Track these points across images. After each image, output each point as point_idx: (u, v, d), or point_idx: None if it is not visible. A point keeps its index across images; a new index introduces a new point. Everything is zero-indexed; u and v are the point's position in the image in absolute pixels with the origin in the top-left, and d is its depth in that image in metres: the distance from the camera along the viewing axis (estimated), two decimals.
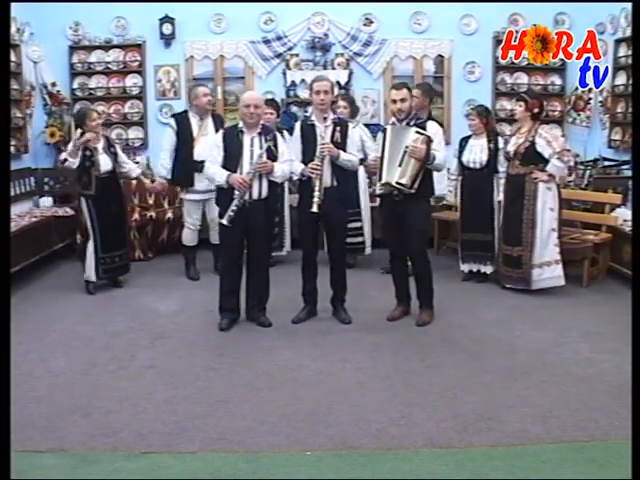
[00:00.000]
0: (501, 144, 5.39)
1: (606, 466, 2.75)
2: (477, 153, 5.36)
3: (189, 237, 5.73)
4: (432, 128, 4.44)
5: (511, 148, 5.12)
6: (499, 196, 5.41)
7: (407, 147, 4.23)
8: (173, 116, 5.82)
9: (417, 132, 4.26)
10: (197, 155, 5.38)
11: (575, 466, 2.76)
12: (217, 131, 5.37)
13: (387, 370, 3.76)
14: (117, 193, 5.35)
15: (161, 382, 3.63)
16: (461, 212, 5.59)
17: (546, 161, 4.99)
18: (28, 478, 2.68)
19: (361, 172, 5.56)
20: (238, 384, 3.59)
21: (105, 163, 5.15)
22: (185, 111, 5.75)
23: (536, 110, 5.06)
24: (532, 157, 5.01)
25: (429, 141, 4.27)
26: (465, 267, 5.60)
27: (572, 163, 5.46)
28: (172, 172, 5.56)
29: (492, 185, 5.40)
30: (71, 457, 2.86)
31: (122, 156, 5.42)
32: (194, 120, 5.51)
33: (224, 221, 4.24)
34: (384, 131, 4.41)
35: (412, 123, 4.40)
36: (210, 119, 5.55)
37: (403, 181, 4.25)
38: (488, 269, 5.52)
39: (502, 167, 5.37)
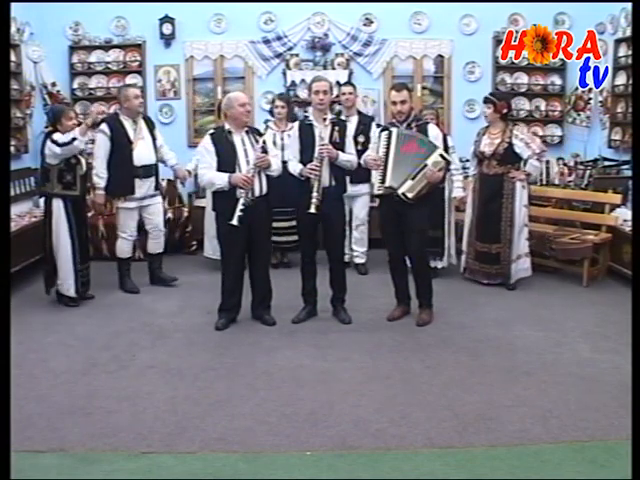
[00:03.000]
0: (450, 143, 5.45)
1: (606, 466, 2.75)
2: None
3: (125, 248, 5.34)
4: (433, 131, 4.47)
5: (486, 149, 5.20)
6: (453, 192, 5.52)
7: (426, 166, 4.24)
8: (103, 121, 5.30)
9: (441, 156, 4.28)
10: (137, 160, 5.10)
11: (575, 466, 2.76)
12: (151, 133, 5.25)
13: (387, 370, 3.76)
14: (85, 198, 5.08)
15: (161, 382, 3.63)
16: None
17: (521, 160, 5.14)
18: (28, 478, 2.68)
19: None
20: (238, 384, 3.59)
21: (84, 163, 4.87)
22: (116, 114, 5.34)
23: (505, 111, 5.16)
24: (509, 157, 5.14)
25: (447, 166, 4.32)
26: None
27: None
28: (108, 181, 5.13)
29: (443, 183, 5.42)
30: (71, 457, 2.86)
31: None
32: (127, 123, 5.14)
33: (234, 222, 4.20)
34: (389, 133, 4.39)
35: (413, 125, 4.41)
36: (142, 122, 5.24)
37: (410, 195, 4.28)
38: (438, 264, 5.57)
39: (454, 164, 5.47)
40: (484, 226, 5.30)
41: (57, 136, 4.61)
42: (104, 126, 5.15)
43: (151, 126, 5.36)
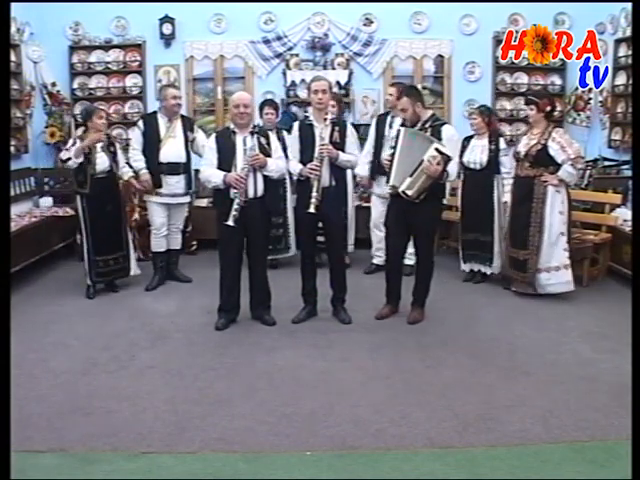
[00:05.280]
0: (502, 145, 5.36)
1: (606, 466, 2.75)
2: (477, 154, 5.32)
3: (155, 243, 5.51)
4: (447, 132, 4.40)
5: (522, 149, 5.00)
6: (503, 197, 5.35)
7: (423, 161, 4.18)
8: (142, 117, 5.72)
9: (437, 150, 4.18)
10: (164, 157, 5.27)
11: (575, 466, 2.76)
12: (185, 134, 5.38)
13: (387, 370, 3.76)
14: (114, 194, 5.21)
15: (161, 382, 3.63)
16: (462, 212, 5.57)
17: (556, 164, 4.88)
18: (28, 478, 2.68)
19: (348, 172, 5.56)
20: (238, 384, 3.59)
21: (102, 162, 5.05)
22: (154, 112, 5.54)
23: (548, 109, 4.92)
24: (543, 160, 4.88)
25: (447, 160, 4.23)
26: (466, 267, 5.59)
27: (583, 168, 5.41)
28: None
29: (492, 186, 5.36)
30: (71, 457, 2.87)
31: (120, 157, 5.30)
32: (162, 121, 5.33)
33: (230, 222, 4.21)
34: (397, 132, 4.41)
35: (428, 125, 4.38)
36: (179, 121, 5.38)
37: (409, 193, 4.25)
38: (488, 270, 5.50)
39: (505, 168, 5.33)
40: (514, 231, 5.11)
41: (65, 149, 5.03)
42: (140, 122, 5.44)
43: (187, 127, 5.45)
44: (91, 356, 3.99)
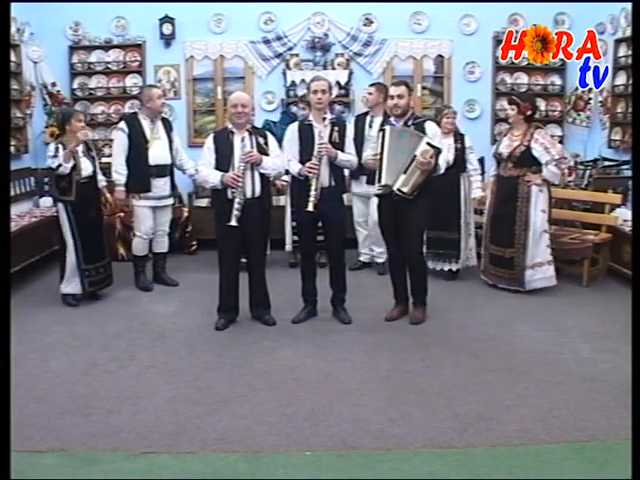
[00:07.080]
0: (468, 143, 5.48)
1: (606, 466, 2.75)
2: (444, 153, 5.34)
3: (140, 247, 5.44)
4: (431, 129, 4.44)
5: (504, 150, 5.12)
6: (472, 193, 5.51)
7: (415, 156, 4.21)
8: (122, 118, 5.53)
9: (428, 144, 4.22)
10: (152, 160, 5.18)
11: (575, 466, 2.76)
12: (168, 135, 5.33)
13: (387, 370, 3.76)
14: (95, 199, 5.05)
15: (161, 382, 3.63)
16: None
17: (539, 164, 5.00)
18: (28, 478, 2.68)
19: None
20: (238, 384, 3.59)
21: (86, 167, 4.85)
22: (135, 113, 5.46)
23: (529, 112, 5.05)
24: (526, 160, 5.02)
25: (438, 153, 4.26)
26: (431, 265, 5.57)
27: (568, 167, 5.48)
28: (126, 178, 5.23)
29: (459, 184, 5.46)
30: (71, 457, 2.86)
31: (97, 163, 5.11)
32: (145, 123, 5.22)
33: (233, 222, 4.22)
34: (383, 131, 4.41)
35: (410, 122, 4.40)
36: (160, 122, 5.31)
37: (405, 190, 4.26)
38: (454, 267, 5.55)
39: (472, 165, 5.49)
40: (497, 229, 5.22)
41: (50, 157, 4.70)
42: (122, 124, 5.26)
43: (168, 127, 5.39)
44: (91, 356, 3.99)
